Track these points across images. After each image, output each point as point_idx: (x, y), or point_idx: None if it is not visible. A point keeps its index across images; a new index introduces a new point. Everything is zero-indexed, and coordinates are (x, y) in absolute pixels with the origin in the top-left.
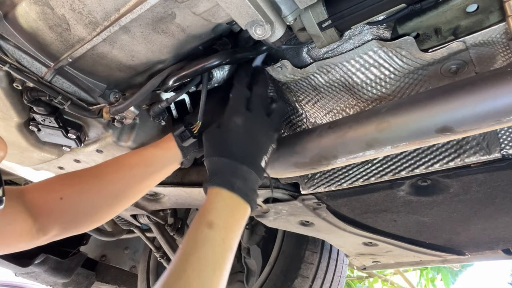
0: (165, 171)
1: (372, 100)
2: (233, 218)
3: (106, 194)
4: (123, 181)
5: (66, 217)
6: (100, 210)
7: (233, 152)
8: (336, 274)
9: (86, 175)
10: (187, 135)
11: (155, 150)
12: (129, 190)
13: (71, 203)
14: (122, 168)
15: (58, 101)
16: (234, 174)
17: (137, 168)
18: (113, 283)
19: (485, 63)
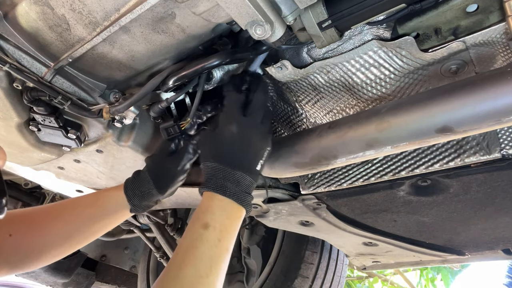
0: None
1: (372, 100)
2: (228, 219)
3: (59, 233)
4: (77, 221)
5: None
6: (52, 248)
7: (227, 158)
8: (336, 274)
9: (39, 213)
10: (175, 131)
11: (110, 192)
12: (81, 232)
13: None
14: (77, 208)
15: (58, 101)
16: (227, 179)
17: (91, 208)
18: (113, 283)
19: (485, 63)
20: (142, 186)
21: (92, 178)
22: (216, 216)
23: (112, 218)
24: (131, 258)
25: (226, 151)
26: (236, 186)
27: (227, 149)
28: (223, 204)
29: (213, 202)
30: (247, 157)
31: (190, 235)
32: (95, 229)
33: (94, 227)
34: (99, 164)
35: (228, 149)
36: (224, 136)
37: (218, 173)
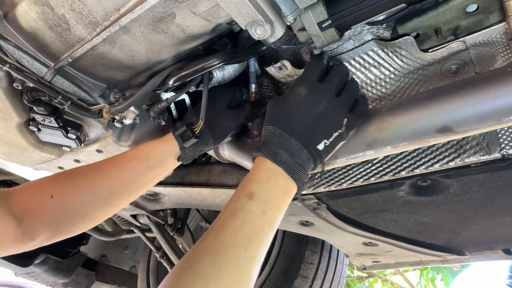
0: (164, 166)
1: (372, 100)
2: (275, 191)
3: (102, 191)
4: (120, 177)
5: (58, 217)
6: (96, 208)
7: (286, 123)
8: (336, 274)
9: (80, 172)
10: (189, 135)
11: (153, 143)
12: (126, 186)
13: (63, 202)
14: (118, 163)
15: (58, 101)
16: (281, 145)
17: (134, 162)
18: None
19: (485, 63)
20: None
21: None
22: (263, 185)
23: (158, 169)
24: (131, 258)
25: (288, 115)
26: (290, 155)
27: (289, 114)
28: (271, 172)
29: (261, 170)
30: (309, 128)
31: (233, 204)
32: (141, 183)
33: (140, 181)
34: None
35: (291, 114)
36: (291, 99)
37: (273, 138)
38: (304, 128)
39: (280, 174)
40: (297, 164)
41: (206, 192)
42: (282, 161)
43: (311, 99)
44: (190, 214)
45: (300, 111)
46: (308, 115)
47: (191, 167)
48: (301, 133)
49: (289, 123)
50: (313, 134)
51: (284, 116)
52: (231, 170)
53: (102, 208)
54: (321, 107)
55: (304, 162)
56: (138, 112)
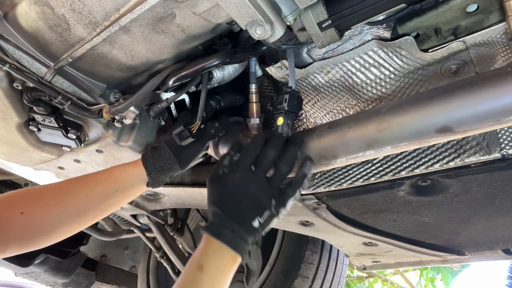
0: (132, 190)
1: (372, 100)
2: (222, 263)
3: (70, 210)
4: (88, 198)
5: (26, 233)
6: (62, 226)
7: (224, 205)
8: (336, 274)
9: (50, 190)
10: (186, 135)
11: (124, 166)
12: (94, 207)
13: (31, 219)
14: (89, 184)
15: (58, 101)
16: (223, 225)
17: (103, 184)
18: (113, 283)
19: (485, 63)
20: (163, 161)
21: None
22: (211, 260)
23: (126, 193)
24: (131, 258)
25: (225, 199)
26: (231, 233)
27: (226, 197)
28: (218, 248)
29: (209, 246)
30: (243, 210)
31: (185, 276)
32: (108, 205)
33: (107, 203)
34: (99, 164)
35: (227, 198)
36: (226, 183)
37: (216, 219)
38: (239, 211)
39: (225, 250)
40: (239, 239)
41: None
42: (226, 239)
43: (242, 186)
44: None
45: (234, 195)
46: (241, 199)
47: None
48: (237, 215)
49: (226, 205)
50: (247, 215)
51: (222, 199)
52: None
53: (69, 226)
54: (252, 193)
55: (245, 236)
56: (138, 112)
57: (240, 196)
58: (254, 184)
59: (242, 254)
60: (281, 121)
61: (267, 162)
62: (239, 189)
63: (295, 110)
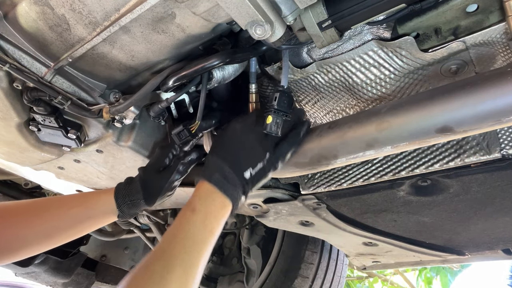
0: (103, 219)
1: (372, 100)
2: (213, 206)
3: (39, 230)
4: (60, 220)
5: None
6: (31, 245)
7: (221, 153)
8: (336, 274)
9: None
10: (185, 135)
11: (100, 195)
12: (64, 231)
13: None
14: (62, 207)
15: (58, 101)
16: (215, 169)
17: (76, 209)
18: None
19: (485, 63)
20: (132, 195)
21: (92, 178)
22: (202, 201)
23: (97, 221)
24: (131, 258)
25: (223, 146)
26: (222, 177)
27: (225, 145)
28: (209, 191)
29: (201, 189)
30: (237, 158)
31: (180, 217)
32: (78, 230)
33: (78, 228)
34: (99, 164)
35: (226, 145)
36: (227, 130)
37: (210, 164)
38: (233, 156)
39: (215, 192)
40: (228, 184)
41: None
42: (216, 182)
43: (240, 134)
44: None
45: (232, 144)
46: (237, 146)
47: None
48: (231, 161)
49: (223, 153)
50: (240, 162)
51: (220, 147)
52: None
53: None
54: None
55: (235, 183)
56: (138, 112)
57: (236, 143)
58: (252, 135)
59: (233, 200)
60: (270, 119)
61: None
62: (236, 137)
63: (285, 109)
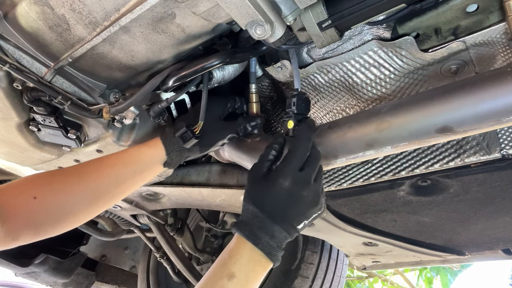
0: (150, 171)
1: (372, 100)
2: (254, 272)
3: (85, 193)
4: (103, 180)
5: (40, 218)
6: (78, 210)
7: (268, 208)
8: (336, 274)
9: (64, 174)
10: (189, 136)
11: (140, 148)
12: (109, 190)
13: (45, 203)
14: (103, 167)
15: (58, 101)
16: (262, 230)
17: (118, 166)
18: (113, 283)
19: (485, 63)
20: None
21: None
22: (243, 267)
23: (143, 175)
24: (131, 258)
25: (270, 201)
26: (270, 239)
27: (272, 201)
28: (252, 255)
29: (243, 251)
30: (291, 215)
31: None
32: (124, 188)
33: (123, 186)
34: None
35: (274, 201)
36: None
37: (255, 221)
38: (285, 215)
39: (260, 256)
40: (276, 246)
41: (206, 192)
42: (263, 246)
43: (292, 189)
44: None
45: (282, 199)
46: (290, 203)
47: (191, 167)
48: (283, 219)
49: (271, 208)
50: (295, 218)
51: (266, 201)
52: (231, 170)
53: (85, 211)
54: (303, 196)
55: (282, 241)
56: (138, 112)
57: (290, 202)
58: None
59: (275, 262)
60: (292, 124)
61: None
62: (288, 196)
63: (304, 111)
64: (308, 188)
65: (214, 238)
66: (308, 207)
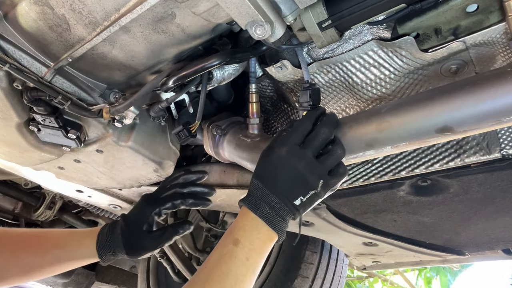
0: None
1: (372, 100)
2: (258, 240)
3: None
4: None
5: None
6: (12, 276)
7: (267, 180)
8: (336, 274)
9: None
10: (185, 134)
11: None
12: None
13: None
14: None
15: (58, 101)
16: (262, 199)
17: (58, 249)
18: (113, 283)
19: (485, 63)
20: (114, 248)
21: (92, 178)
22: (247, 233)
23: (78, 263)
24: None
25: (268, 172)
26: (270, 208)
27: (270, 171)
28: (255, 223)
29: (246, 220)
30: (287, 186)
31: (220, 250)
32: (58, 269)
33: (58, 267)
34: (99, 164)
35: (272, 172)
36: (272, 157)
37: (256, 191)
38: (282, 186)
39: (261, 224)
40: (277, 216)
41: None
42: (263, 214)
43: (289, 161)
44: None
45: (280, 170)
46: (287, 174)
47: (191, 167)
48: (280, 190)
49: (270, 180)
50: (290, 191)
51: (267, 173)
52: (231, 170)
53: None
54: (298, 170)
55: (284, 214)
56: (138, 112)
57: (284, 172)
58: (301, 162)
59: (279, 233)
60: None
61: (317, 142)
62: (283, 165)
63: (317, 102)
64: (303, 162)
65: (214, 238)
66: (303, 182)
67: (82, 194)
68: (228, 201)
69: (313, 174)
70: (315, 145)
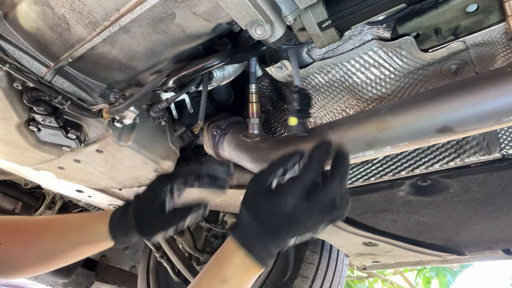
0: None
1: (372, 100)
2: (246, 277)
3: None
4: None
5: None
6: (34, 264)
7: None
8: (336, 274)
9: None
10: (189, 136)
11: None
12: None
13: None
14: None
15: (58, 101)
16: (258, 239)
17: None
18: (113, 283)
19: (485, 63)
20: (127, 229)
21: (92, 178)
22: (236, 271)
23: (94, 247)
24: (131, 258)
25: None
26: (263, 247)
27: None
28: (245, 261)
29: (236, 257)
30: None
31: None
32: (76, 254)
33: (75, 252)
34: (99, 164)
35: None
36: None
37: (252, 231)
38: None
39: (251, 263)
40: (269, 255)
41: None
42: (256, 254)
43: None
44: None
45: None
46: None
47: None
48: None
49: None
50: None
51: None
52: None
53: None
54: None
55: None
56: (138, 112)
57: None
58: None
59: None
60: (295, 121)
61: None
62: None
63: (306, 107)
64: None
65: (214, 238)
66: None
67: (82, 194)
68: (228, 201)
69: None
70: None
